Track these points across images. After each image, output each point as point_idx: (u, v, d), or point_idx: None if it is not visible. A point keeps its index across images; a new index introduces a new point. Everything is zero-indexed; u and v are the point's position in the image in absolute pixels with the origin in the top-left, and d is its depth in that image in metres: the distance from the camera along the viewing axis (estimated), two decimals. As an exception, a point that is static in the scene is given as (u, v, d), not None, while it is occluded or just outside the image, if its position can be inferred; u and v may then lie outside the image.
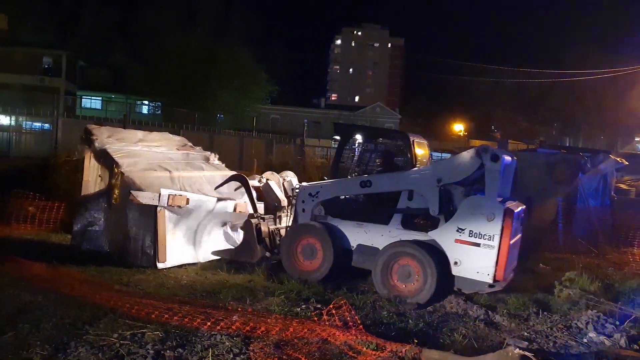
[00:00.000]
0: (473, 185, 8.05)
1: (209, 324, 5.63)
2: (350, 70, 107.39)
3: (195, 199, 9.21)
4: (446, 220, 7.80)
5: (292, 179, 10.76)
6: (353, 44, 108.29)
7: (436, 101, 77.01)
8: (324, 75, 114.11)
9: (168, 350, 5.11)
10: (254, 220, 9.08)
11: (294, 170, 12.65)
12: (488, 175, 7.58)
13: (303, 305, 6.90)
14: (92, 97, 47.25)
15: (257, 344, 5.30)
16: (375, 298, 7.57)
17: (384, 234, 8.23)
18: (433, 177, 7.91)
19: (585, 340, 6.26)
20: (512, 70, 51.48)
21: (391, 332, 6.08)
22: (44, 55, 42.95)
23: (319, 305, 6.88)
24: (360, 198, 9.04)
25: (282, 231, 9.52)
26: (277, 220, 9.62)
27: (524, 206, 8.36)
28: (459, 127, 61.58)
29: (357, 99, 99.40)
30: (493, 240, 7.31)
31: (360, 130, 9.83)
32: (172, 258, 8.99)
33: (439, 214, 7.87)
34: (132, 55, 44.72)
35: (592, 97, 48.56)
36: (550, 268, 9.90)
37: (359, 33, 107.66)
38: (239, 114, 40.43)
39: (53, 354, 4.92)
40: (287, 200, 9.87)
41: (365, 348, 5.31)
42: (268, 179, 10.34)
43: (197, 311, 6.03)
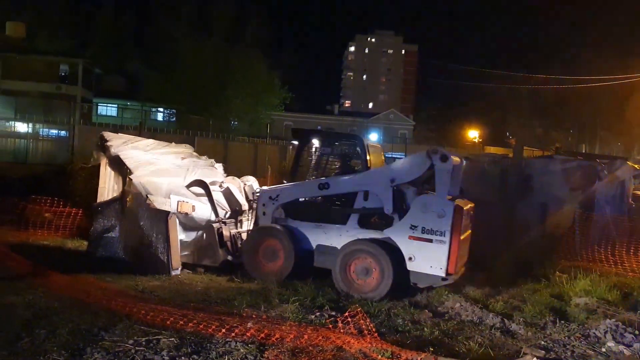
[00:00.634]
0: (424, 185, 8.70)
1: (223, 330, 5.63)
2: (364, 76, 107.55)
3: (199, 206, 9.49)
4: (400, 219, 8.25)
5: (253, 183, 10.87)
6: (367, 50, 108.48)
7: (450, 107, 76.79)
8: (338, 81, 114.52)
9: (183, 357, 5.11)
10: (215, 225, 9.41)
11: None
12: (438, 175, 8.10)
13: (317, 313, 6.89)
14: (108, 104, 47.71)
15: (272, 351, 5.29)
16: (390, 306, 7.53)
17: (342, 234, 8.60)
18: (387, 178, 8.40)
19: (603, 350, 6.15)
20: (528, 76, 51.13)
21: (406, 340, 6.03)
22: (60, 63, 43.37)
23: (333, 312, 6.87)
24: (318, 200, 9.33)
25: (244, 235, 9.82)
26: (239, 225, 9.96)
27: (472, 204, 8.80)
28: (473, 134, 61.17)
29: (371, 105, 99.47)
30: (444, 236, 7.81)
31: (316, 135, 10.28)
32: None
33: (393, 212, 8.33)
34: (147, 62, 45.13)
35: (609, 103, 48.06)
36: (567, 276, 9.77)
37: (373, 40, 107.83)
38: (253, 120, 40.65)
39: (69, 360, 4.93)
40: (248, 204, 10.09)
41: (380, 356, 5.27)
42: (229, 184, 10.44)
43: (212, 318, 6.03)
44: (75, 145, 16.53)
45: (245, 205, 10.21)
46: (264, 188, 9.75)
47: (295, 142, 10.13)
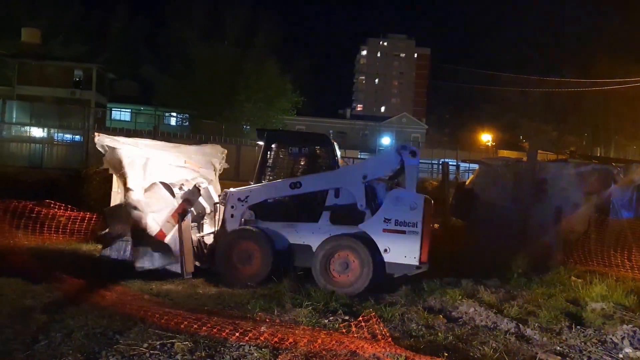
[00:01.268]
0: (393, 180, 9.12)
1: (237, 334, 5.63)
2: (376, 80, 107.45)
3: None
4: (372, 214, 8.64)
5: (209, 185, 10.71)
6: (379, 54, 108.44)
7: (463, 111, 76.40)
8: (350, 85, 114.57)
9: (197, 361, 5.12)
10: None
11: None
12: (408, 170, 8.66)
13: (331, 317, 6.88)
14: (122, 109, 48.12)
15: (286, 355, 5.28)
16: (403, 310, 7.48)
17: (315, 231, 8.84)
18: (359, 174, 8.81)
19: (621, 356, 6.09)
20: (541, 79, 50.70)
21: (420, 345, 6.00)
22: (75, 68, 43.86)
23: (346, 317, 6.84)
24: (287, 199, 9.38)
25: (207, 238, 9.73)
26: (200, 228, 9.85)
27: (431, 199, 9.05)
28: (486, 137, 60.79)
29: (383, 109, 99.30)
30: (417, 227, 8.34)
31: (281, 135, 10.47)
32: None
33: (366, 207, 8.71)
34: (161, 67, 45.47)
35: (624, 106, 47.55)
36: (583, 281, 9.68)
37: (385, 43, 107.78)
38: (265, 125, 40.79)
39: (85, 363, 4.97)
40: (213, 207, 9.87)
41: (394, 361, 5.25)
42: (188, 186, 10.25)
43: (226, 321, 6.04)
44: (90, 150, 16.63)
45: (207, 208, 9.96)
46: (232, 190, 9.43)
47: (261, 143, 10.00)
